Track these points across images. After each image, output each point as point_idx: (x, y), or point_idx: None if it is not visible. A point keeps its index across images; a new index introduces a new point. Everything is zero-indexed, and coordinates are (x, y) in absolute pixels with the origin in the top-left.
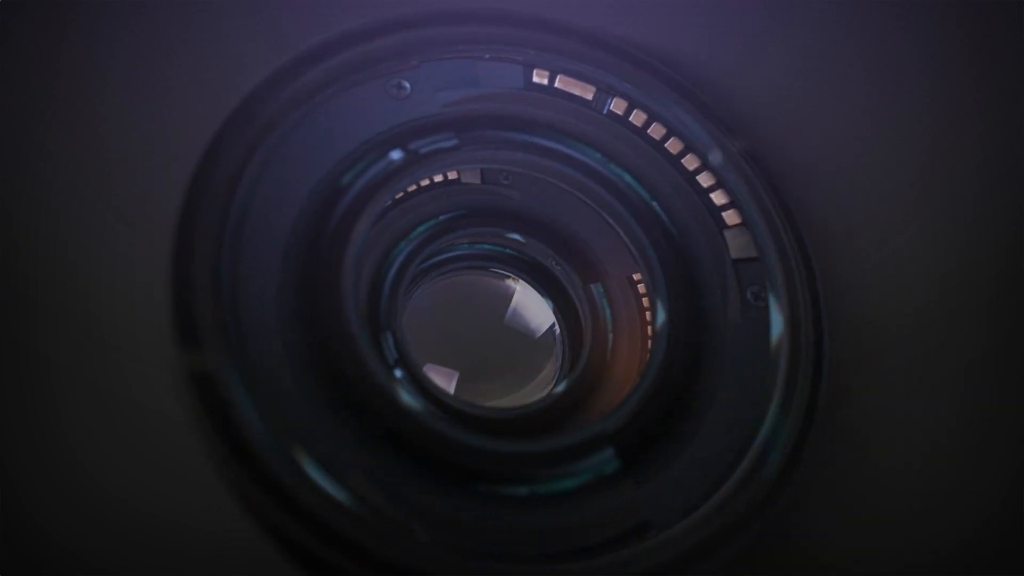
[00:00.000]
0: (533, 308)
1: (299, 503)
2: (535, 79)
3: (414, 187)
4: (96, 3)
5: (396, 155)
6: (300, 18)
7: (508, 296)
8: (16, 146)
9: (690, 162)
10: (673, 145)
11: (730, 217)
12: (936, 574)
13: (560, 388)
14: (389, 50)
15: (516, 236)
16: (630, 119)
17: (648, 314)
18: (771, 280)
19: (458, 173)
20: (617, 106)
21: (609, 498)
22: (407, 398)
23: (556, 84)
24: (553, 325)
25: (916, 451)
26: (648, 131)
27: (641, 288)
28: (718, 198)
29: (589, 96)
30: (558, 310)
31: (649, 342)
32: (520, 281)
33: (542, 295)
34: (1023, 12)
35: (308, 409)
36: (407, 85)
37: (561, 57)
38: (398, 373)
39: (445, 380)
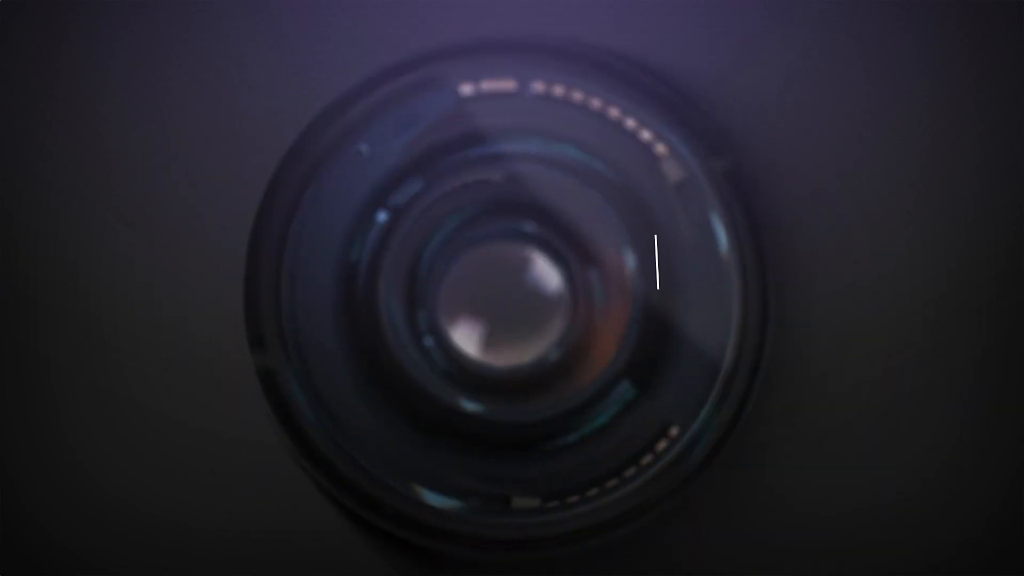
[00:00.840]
0: (549, 273)
1: (374, 499)
2: (462, 93)
3: (449, 186)
4: (96, 3)
5: (382, 216)
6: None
7: (529, 261)
8: (16, 146)
9: (615, 112)
10: (596, 103)
11: (660, 149)
12: (936, 574)
13: (553, 354)
14: (344, 125)
15: (530, 224)
16: (552, 93)
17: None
18: (706, 198)
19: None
20: (537, 87)
21: (634, 416)
22: (470, 406)
23: (482, 89)
24: (563, 289)
25: (915, 451)
26: (572, 98)
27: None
28: (646, 136)
29: (512, 87)
30: (568, 279)
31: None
32: (539, 251)
33: (556, 265)
34: (1023, 12)
35: (387, 431)
36: (364, 148)
37: (483, 66)
38: (429, 341)
39: (474, 331)
